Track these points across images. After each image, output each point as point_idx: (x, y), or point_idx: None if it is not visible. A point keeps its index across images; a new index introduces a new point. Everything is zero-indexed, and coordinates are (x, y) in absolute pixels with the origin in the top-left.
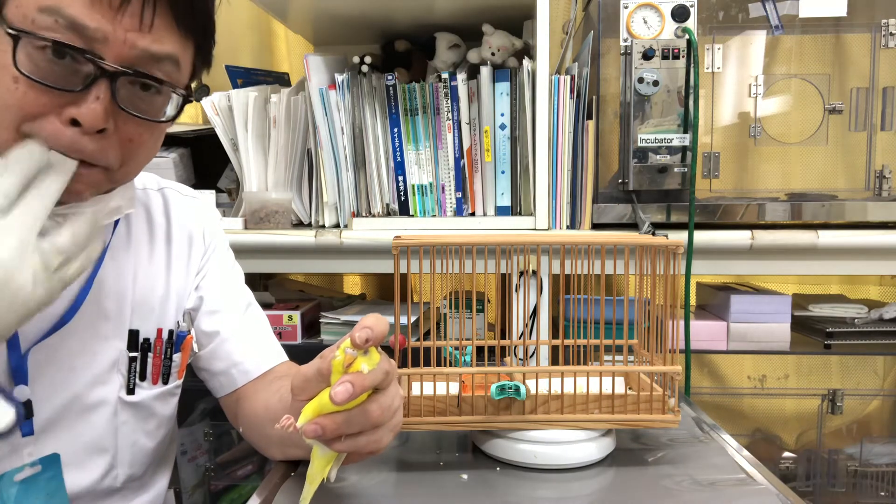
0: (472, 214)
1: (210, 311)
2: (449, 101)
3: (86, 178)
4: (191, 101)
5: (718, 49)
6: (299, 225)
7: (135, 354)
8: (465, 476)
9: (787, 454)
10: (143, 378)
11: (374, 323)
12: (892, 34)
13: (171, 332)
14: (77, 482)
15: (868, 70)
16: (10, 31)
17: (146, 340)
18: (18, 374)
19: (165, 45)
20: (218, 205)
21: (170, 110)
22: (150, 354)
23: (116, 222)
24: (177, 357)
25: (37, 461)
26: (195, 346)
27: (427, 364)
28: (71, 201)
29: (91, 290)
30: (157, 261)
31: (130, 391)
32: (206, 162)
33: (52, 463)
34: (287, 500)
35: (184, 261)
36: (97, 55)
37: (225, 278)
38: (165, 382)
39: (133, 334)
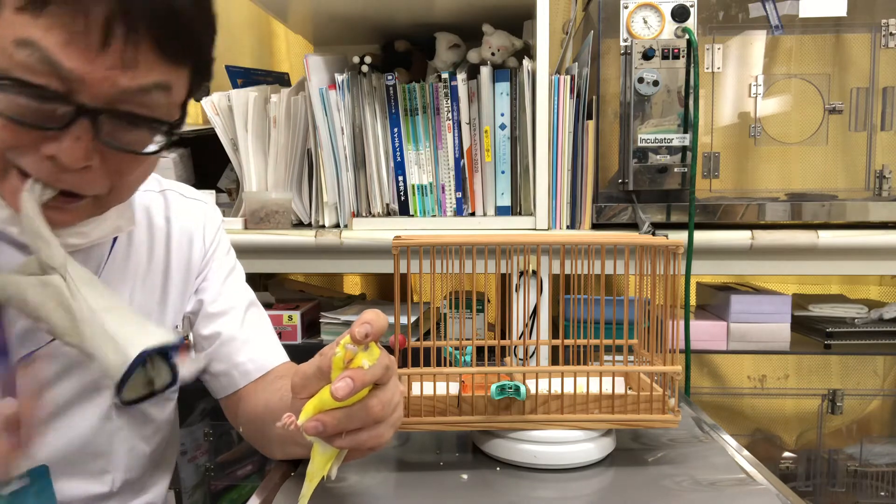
0: (472, 214)
1: (210, 314)
2: (449, 101)
3: (73, 209)
4: (176, 137)
5: (718, 49)
6: (299, 225)
7: None
8: (465, 476)
9: (787, 454)
10: None
11: (374, 318)
12: (892, 34)
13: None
14: (74, 488)
15: (868, 70)
16: None
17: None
18: (8, 386)
19: (151, 75)
20: (218, 205)
21: (157, 142)
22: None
23: (113, 245)
24: None
25: (25, 474)
26: (192, 352)
27: (427, 364)
28: (60, 228)
29: None
30: (155, 265)
31: None
32: (206, 162)
33: (40, 475)
34: (287, 500)
35: (183, 264)
36: (74, 97)
37: (225, 280)
38: None
39: None
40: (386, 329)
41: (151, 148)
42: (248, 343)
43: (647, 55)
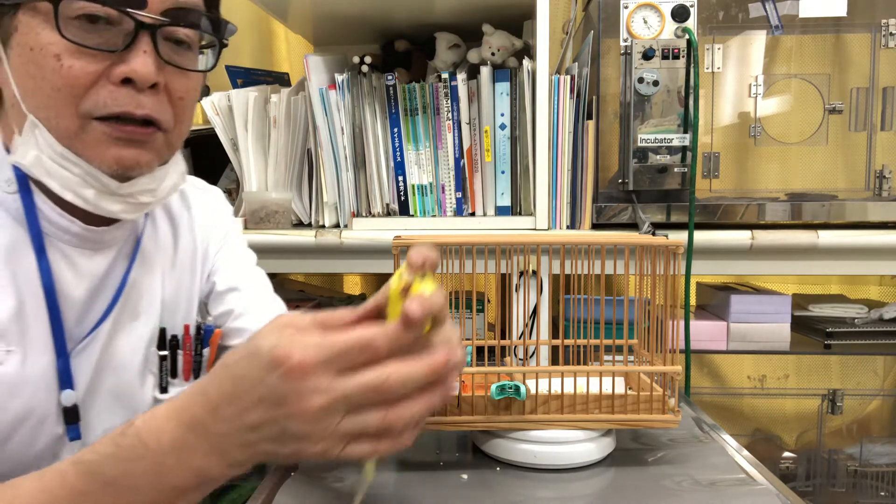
0: (472, 214)
1: (223, 290)
2: (449, 101)
3: (151, 143)
4: (225, 46)
5: (718, 49)
6: (299, 225)
7: (165, 353)
8: (465, 476)
9: (787, 454)
10: (174, 375)
11: (428, 248)
12: (892, 34)
13: (198, 327)
14: None
15: (868, 70)
16: None
17: (174, 337)
18: (65, 377)
19: None
20: None
21: (209, 59)
22: (180, 351)
23: (145, 226)
24: (206, 352)
25: None
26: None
27: None
28: (138, 174)
29: (125, 290)
30: (181, 257)
31: (164, 390)
32: (206, 162)
33: None
34: (287, 500)
35: (202, 255)
36: (133, 14)
37: (237, 261)
38: (196, 377)
39: (162, 332)
40: (437, 264)
41: (201, 67)
42: (265, 318)
43: (647, 55)
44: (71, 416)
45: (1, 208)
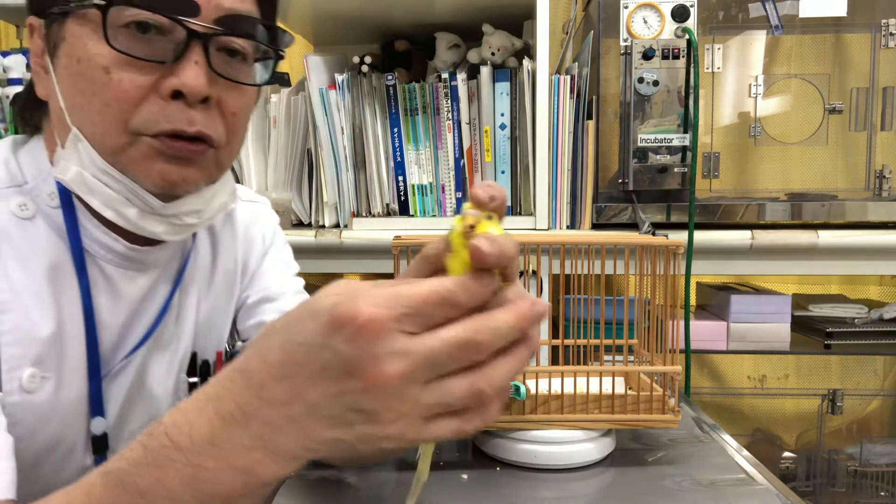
0: None
1: (255, 301)
2: (449, 101)
3: (200, 161)
4: (282, 58)
5: (718, 49)
6: (299, 225)
7: (195, 380)
8: (465, 476)
9: (787, 454)
10: None
11: (494, 184)
12: (892, 34)
13: (230, 354)
14: None
15: (868, 70)
16: (97, 2)
17: (205, 363)
18: (96, 404)
19: (245, 3)
20: None
21: (263, 73)
22: (210, 378)
23: (191, 248)
24: None
25: None
26: None
27: None
28: (184, 193)
29: (165, 315)
30: (219, 278)
31: None
32: None
33: None
34: (287, 500)
35: (242, 272)
36: (185, 23)
37: (276, 271)
38: None
39: (193, 357)
40: (506, 205)
41: (256, 80)
42: None
43: (647, 55)
44: (100, 446)
45: (46, 224)
